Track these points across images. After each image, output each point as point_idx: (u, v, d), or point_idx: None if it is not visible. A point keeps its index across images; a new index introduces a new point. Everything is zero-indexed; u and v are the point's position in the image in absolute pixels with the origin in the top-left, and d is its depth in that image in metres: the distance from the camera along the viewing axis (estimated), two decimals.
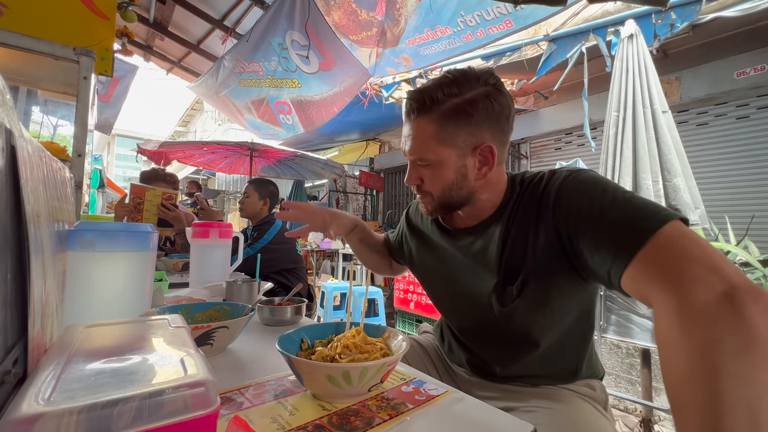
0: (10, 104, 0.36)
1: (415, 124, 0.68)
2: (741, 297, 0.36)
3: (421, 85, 0.69)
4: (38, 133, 2.37)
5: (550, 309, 0.67)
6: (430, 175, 0.69)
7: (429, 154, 0.67)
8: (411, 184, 0.73)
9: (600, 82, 2.80)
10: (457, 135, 0.65)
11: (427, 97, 0.65)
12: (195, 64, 4.71)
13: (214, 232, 1.22)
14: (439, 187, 0.69)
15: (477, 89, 0.65)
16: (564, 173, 0.65)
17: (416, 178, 0.72)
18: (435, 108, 0.65)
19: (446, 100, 0.64)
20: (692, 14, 1.98)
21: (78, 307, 0.59)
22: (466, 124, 0.65)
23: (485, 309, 0.72)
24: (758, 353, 0.34)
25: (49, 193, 0.47)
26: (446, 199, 0.70)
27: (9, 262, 0.33)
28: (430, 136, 0.66)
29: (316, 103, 3.38)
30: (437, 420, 0.47)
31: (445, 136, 0.65)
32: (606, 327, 1.83)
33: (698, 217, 1.74)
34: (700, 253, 0.42)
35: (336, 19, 2.58)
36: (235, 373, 0.61)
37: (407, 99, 0.69)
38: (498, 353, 0.76)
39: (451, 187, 0.69)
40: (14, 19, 1.29)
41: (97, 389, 0.25)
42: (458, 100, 0.64)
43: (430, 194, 0.71)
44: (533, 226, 0.65)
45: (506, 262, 0.68)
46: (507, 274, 0.68)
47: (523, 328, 0.70)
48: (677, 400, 0.36)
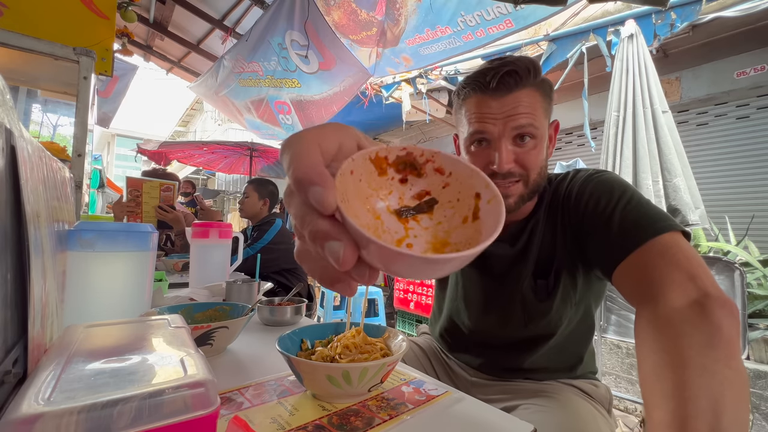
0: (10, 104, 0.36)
1: (522, 93, 0.62)
2: (710, 303, 0.41)
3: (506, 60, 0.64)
4: (38, 133, 2.37)
5: (576, 300, 0.70)
6: (529, 153, 0.63)
7: (538, 122, 0.63)
8: (506, 168, 0.63)
9: (600, 82, 2.80)
10: (549, 107, 0.66)
11: (531, 66, 0.63)
12: (195, 64, 4.71)
13: (214, 232, 1.22)
14: (538, 165, 0.65)
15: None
16: (590, 171, 0.67)
17: (512, 159, 0.63)
18: (537, 78, 0.64)
19: (540, 74, 0.65)
20: (692, 14, 1.98)
21: (78, 307, 0.59)
22: (550, 99, 0.66)
23: (515, 305, 0.73)
24: (720, 349, 0.38)
25: (49, 193, 0.47)
26: (538, 181, 0.66)
27: (9, 262, 0.33)
28: (538, 104, 0.63)
29: (315, 102, 3.38)
30: (437, 420, 0.47)
31: (546, 106, 0.65)
32: (606, 327, 1.83)
33: (698, 217, 1.74)
34: (686, 262, 0.47)
35: (336, 18, 2.58)
36: (235, 373, 0.61)
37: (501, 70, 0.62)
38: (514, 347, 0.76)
39: (544, 164, 0.67)
40: (14, 19, 1.29)
41: (97, 389, 0.25)
42: (545, 77, 0.66)
43: (525, 177, 0.65)
44: (559, 220, 0.68)
45: (538, 257, 0.70)
46: (538, 268, 0.70)
47: (551, 320, 0.71)
48: (648, 387, 0.40)
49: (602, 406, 0.71)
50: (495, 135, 0.63)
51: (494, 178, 0.64)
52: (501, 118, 0.62)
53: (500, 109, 0.62)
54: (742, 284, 1.40)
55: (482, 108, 0.64)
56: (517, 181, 0.65)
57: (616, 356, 2.28)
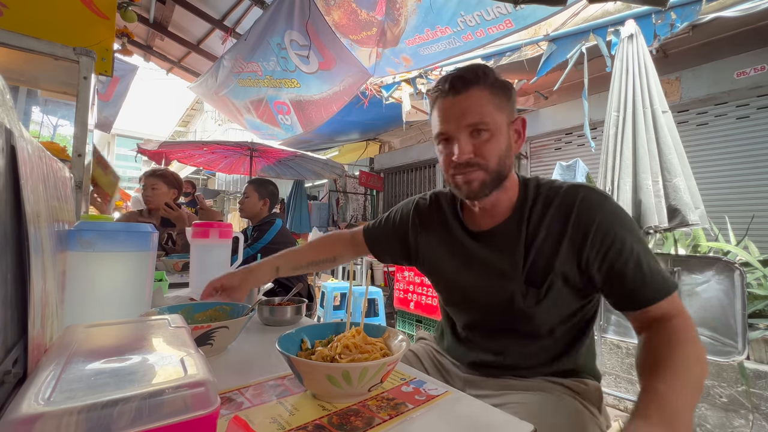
0: (10, 104, 0.36)
1: (470, 93, 0.70)
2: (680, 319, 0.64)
3: (459, 69, 0.74)
4: (38, 133, 2.37)
5: (567, 309, 0.74)
6: (485, 143, 0.71)
7: (488, 117, 0.70)
8: (464, 156, 0.71)
9: (600, 82, 2.80)
10: (504, 104, 0.72)
11: (479, 71, 0.72)
12: (195, 64, 4.71)
13: (214, 232, 1.22)
14: (496, 154, 0.71)
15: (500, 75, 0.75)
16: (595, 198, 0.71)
17: (470, 149, 0.71)
18: (486, 80, 0.71)
19: (491, 76, 0.72)
20: (692, 14, 1.98)
21: (78, 307, 0.59)
22: (506, 98, 0.73)
23: (503, 306, 0.77)
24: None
25: (49, 193, 0.47)
26: (499, 170, 0.72)
27: (9, 262, 0.33)
28: (488, 101, 0.70)
29: (315, 102, 3.38)
30: (437, 420, 0.47)
31: (498, 101, 0.71)
32: (606, 327, 1.83)
33: (698, 217, 1.74)
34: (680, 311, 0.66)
35: (336, 18, 2.58)
36: (235, 373, 0.61)
37: (451, 77, 0.72)
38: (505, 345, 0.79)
39: (505, 154, 0.72)
40: (14, 19, 1.29)
41: (97, 389, 0.25)
42: (498, 78, 0.73)
43: (485, 166, 0.72)
44: (561, 240, 0.72)
45: (530, 268, 0.74)
46: (530, 278, 0.74)
47: (538, 323, 0.75)
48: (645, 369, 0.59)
49: (592, 404, 0.73)
50: (453, 132, 0.72)
51: (458, 168, 0.73)
52: (456, 117, 0.71)
53: (455, 110, 0.71)
54: (742, 284, 1.40)
55: (442, 111, 0.73)
56: (476, 169, 0.72)
57: (616, 356, 2.28)
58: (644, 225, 1.77)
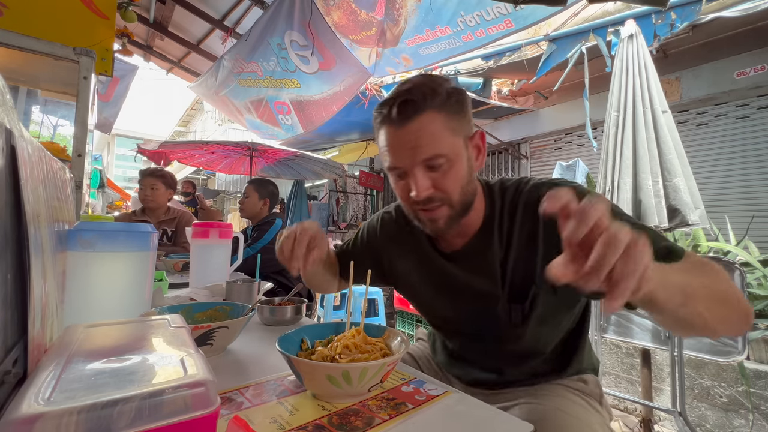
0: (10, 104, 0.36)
1: (422, 120, 0.60)
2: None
3: (401, 87, 0.63)
4: (38, 133, 2.37)
5: (558, 320, 0.70)
6: (445, 176, 0.62)
7: (444, 147, 0.61)
8: (423, 194, 0.62)
9: (600, 82, 2.80)
10: (459, 123, 0.63)
11: (427, 89, 0.61)
12: (195, 64, 4.71)
13: (214, 232, 1.22)
14: (458, 185, 0.63)
15: (453, 83, 0.65)
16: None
17: (428, 185, 0.62)
18: (436, 98, 0.61)
19: (442, 91, 0.62)
20: (692, 14, 1.98)
21: (78, 307, 0.59)
22: (461, 112, 0.64)
23: (490, 329, 0.72)
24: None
25: (49, 193, 0.47)
26: (464, 200, 0.65)
27: (9, 262, 0.33)
28: (442, 127, 0.61)
29: (315, 102, 3.38)
30: (437, 420, 0.47)
31: (454, 124, 0.62)
32: (606, 327, 1.83)
33: (698, 217, 1.74)
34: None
35: (335, 18, 2.58)
36: (235, 373, 0.61)
37: (395, 102, 0.62)
38: (500, 364, 0.77)
39: (467, 181, 0.65)
40: (14, 19, 1.29)
41: (97, 389, 0.25)
42: (450, 90, 0.63)
43: (448, 200, 0.64)
44: (535, 243, 0.65)
45: (510, 283, 0.68)
46: (512, 292, 0.68)
47: (530, 341, 0.71)
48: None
49: (593, 399, 0.72)
50: (407, 167, 0.63)
51: (419, 204, 0.65)
52: (407, 149, 0.62)
53: (404, 141, 0.62)
54: (742, 284, 1.40)
55: (390, 140, 0.64)
56: (440, 205, 0.64)
57: (616, 356, 2.28)
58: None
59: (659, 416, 2.02)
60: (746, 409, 1.81)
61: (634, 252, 0.33)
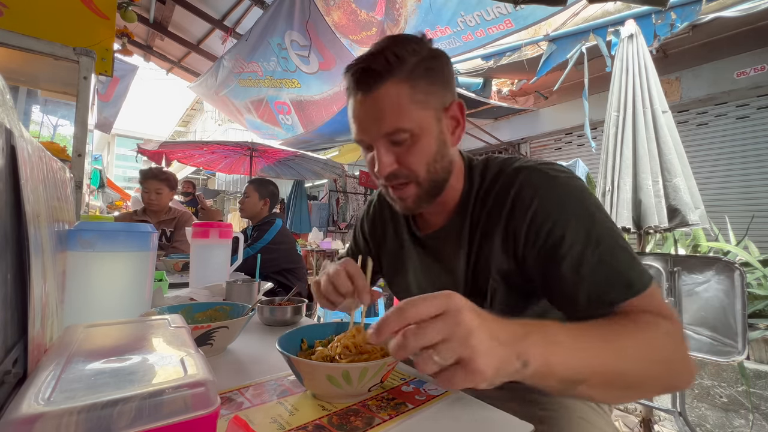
0: (10, 104, 0.36)
1: (382, 92, 0.55)
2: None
3: (368, 52, 0.58)
4: (38, 133, 2.37)
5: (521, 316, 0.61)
6: (409, 151, 0.58)
7: (407, 121, 0.55)
8: (386, 169, 0.58)
9: (600, 82, 2.80)
10: (430, 94, 0.57)
11: (391, 56, 0.55)
12: (195, 64, 4.71)
13: (214, 232, 1.22)
14: (424, 161, 0.58)
15: (429, 46, 0.59)
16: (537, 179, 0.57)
17: (391, 161, 0.58)
18: (402, 67, 0.55)
19: (410, 57, 0.56)
20: (692, 14, 1.98)
21: (78, 307, 0.59)
22: (435, 82, 0.58)
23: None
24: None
25: (49, 193, 0.47)
26: (433, 178, 0.60)
27: (9, 262, 0.33)
28: (406, 100, 0.55)
29: (315, 102, 3.38)
30: (437, 420, 0.47)
31: (422, 96, 0.56)
32: None
33: (698, 217, 1.74)
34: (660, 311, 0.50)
35: (336, 19, 2.58)
36: (235, 373, 0.61)
37: (356, 69, 0.57)
38: None
39: (435, 159, 0.59)
40: (14, 19, 1.29)
41: (97, 389, 0.25)
42: (423, 55, 0.57)
43: (414, 177, 0.59)
44: (492, 234, 0.60)
45: (472, 274, 0.64)
46: (473, 286, 0.64)
47: None
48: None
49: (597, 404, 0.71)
50: (369, 141, 0.59)
51: (387, 179, 0.61)
52: (370, 121, 0.58)
53: (366, 112, 0.58)
54: (742, 284, 1.40)
55: (354, 110, 0.60)
56: (406, 183, 0.60)
57: None
58: (644, 225, 1.77)
59: (659, 416, 2.03)
60: (746, 409, 1.81)
61: (448, 341, 0.34)
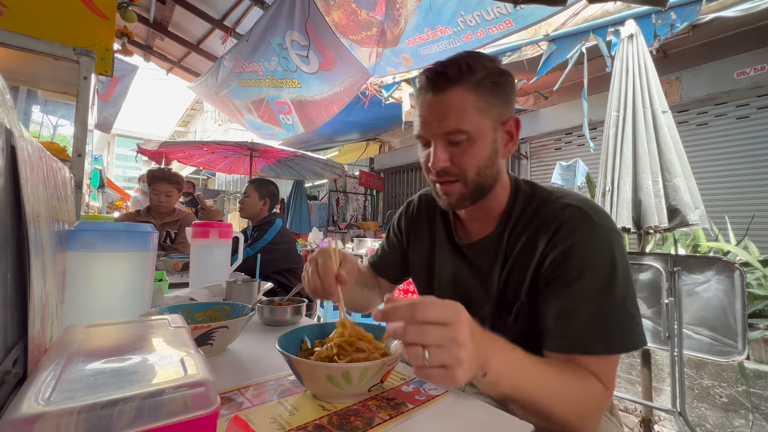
0: (10, 104, 0.36)
1: (450, 95, 0.62)
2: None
3: (446, 59, 0.65)
4: (38, 133, 2.37)
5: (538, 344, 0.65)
6: (463, 153, 0.63)
7: (467, 124, 0.62)
8: (439, 165, 0.64)
9: (600, 82, 2.80)
10: (492, 105, 0.63)
11: (464, 65, 0.62)
12: (195, 64, 4.71)
13: (214, 232, 1.22)
14: (475, 164, 0.64)
15: (500, 65, 0.66)
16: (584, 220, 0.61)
17: (445, 158, 0.64)
18: (472, 77, 0.62)
19: (480, 70, 0.62)
20: (692, 14, 1.98)
21: (78, 307, 0.59)
22: (498, 95, 0.64)
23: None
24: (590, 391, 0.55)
25: (49, 193, 0.47)
26: (479, 181, 0.65)
27: (9, 262, 0.33)
28: (469, 105, 0.62)
29: (316, 103, 3.38)
30: (437, 420, 0.47)
31: (484, 105, 0.62)
32: None
33: (698, 217, 1.74)
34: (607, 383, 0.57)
35: (336, 19, 2.58)
36: (235, 373, 0.61)
37: (432, 71, 0.64)
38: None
39: (486, 164, 0.64)
40: (14, 19, 1.29)
41: (97, 389, 0.25)
42: (492, 71, 0.63)
43: (462, 177, 0.65)
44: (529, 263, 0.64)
45: (503, 288, 0.68)
46: (503, 300, 0.68)
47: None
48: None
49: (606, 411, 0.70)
50: (429, 137, 0.65)
51: (437, 175, 0.66)
52: (433, 121, 0.64)
53: (432, 111, 0.64)
54: (742, 284, 1.40)
55: (421, 108, 0.66)
56: (454, 180, 0.66)
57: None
58: (644, 225, 1.77)
59: (659, 416, 2.03)
60: (746, 409, 1.81)
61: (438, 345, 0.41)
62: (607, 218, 0.63)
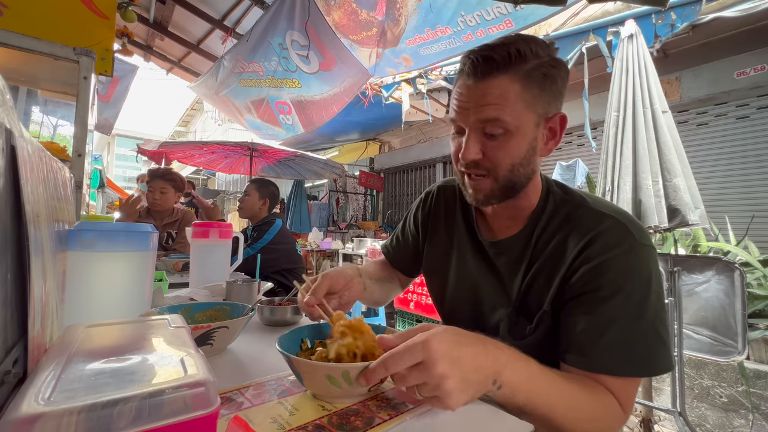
0: (10, 104, 0.36)
1: (494, 83, 0.56)
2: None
3: (494, 41, 0.58)
4: (38, 133, 2.37)
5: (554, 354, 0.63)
6: (498, 147, 0.58)
7: (507, 114, 0.56)
8: (470, 157, 0.59)
9: (600, 82, 2.80)
10: (538, 98, 0.57)
11: (513, 51, 0.55)
12: (195, 64, 4.71)
13: (214, 232, 1.22)
14: (509, 161, 0.58)
15: (553, 53, 0.59)
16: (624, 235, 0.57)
17: (477, 150, 0.58)
18: (521, 65, 0.56)
19: (532, 59, 0.56)
20: (692, 14, 1.98)
21: (78, 307, 0.59)
22: (546, 89, 0.58)
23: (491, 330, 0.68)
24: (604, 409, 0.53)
25: (49, 193, 0.47)
26: (512, 179, 0.60)
27: (9, 262, 0.33)
28: (513, 95, 0.56)
29: (316, 103, 3.38)
30: (437, 420, 0.47)
31: (530, 97, 0.56)
32: None
33: (698, 217, 1.74)
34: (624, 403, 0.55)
35: (336, 19, 2.58)
36: (235, 373, 0.61)
37: (477, 55, 0.57)
38: None
39: (521, 162, 0.59)
40: (14, 19, 1.29)
41: (97, 389, 0.25)
42: (544, 60, 0.57)
43: (494, 172, 0.60)
44: (557, 271, 0.60)
45: (525, 293, 0.64)
46: (524, 305, 0.64)
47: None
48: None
49: None
50: (464, 124, 0.60)
51: (466, 166, 0.62)
52: (471, 107, 0.58)
53: (472, 98, 0.58)
54: (742, 284, 1.40)
55: (460, 94, 0.60)
56: (484, 175, 0.61)
57: None
58: (644, 225, 1.77)
59: (659, 416, 2.03)
60: (746, 409, 1.81)
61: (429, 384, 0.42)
62: (646, 234, 0.59)
